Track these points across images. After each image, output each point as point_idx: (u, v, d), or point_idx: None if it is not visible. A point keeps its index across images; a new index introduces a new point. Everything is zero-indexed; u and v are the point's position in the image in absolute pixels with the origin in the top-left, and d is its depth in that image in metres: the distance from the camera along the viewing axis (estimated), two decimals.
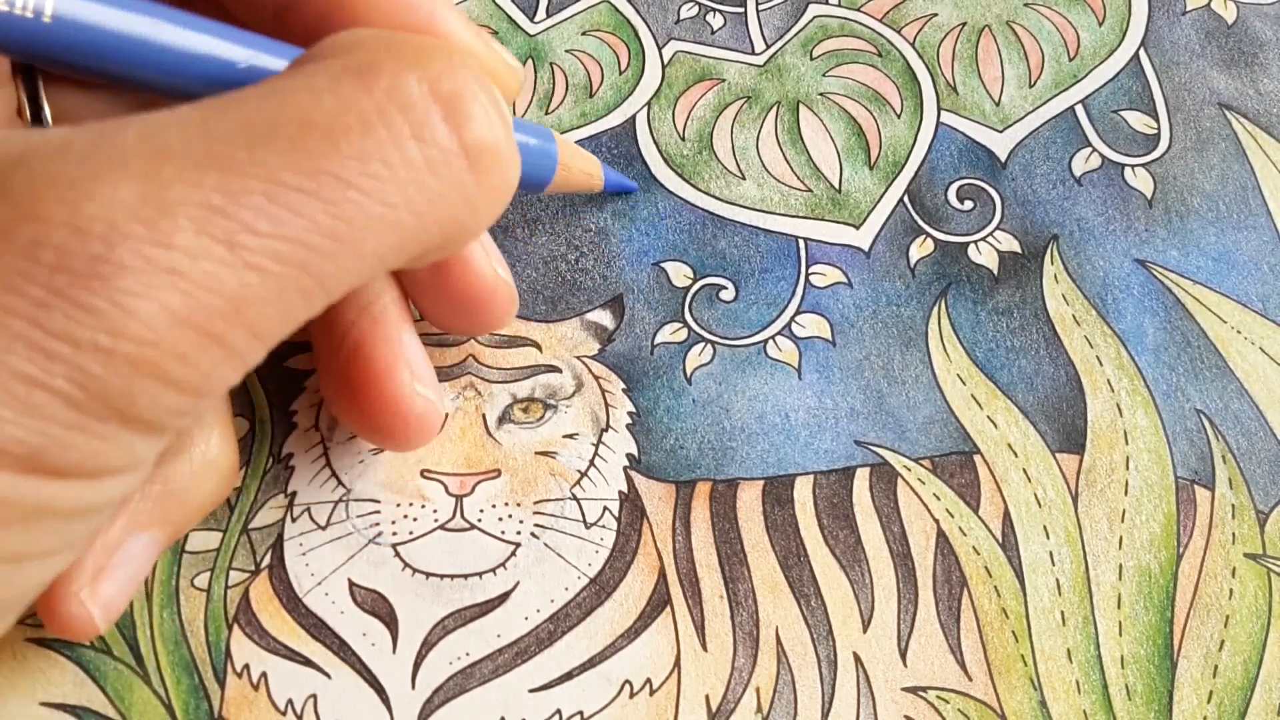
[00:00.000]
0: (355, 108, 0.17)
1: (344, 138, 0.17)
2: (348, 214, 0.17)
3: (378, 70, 0.18)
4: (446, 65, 0.18)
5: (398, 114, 0.18)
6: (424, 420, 0.24)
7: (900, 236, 0.30)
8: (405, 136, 0.18)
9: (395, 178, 0.17)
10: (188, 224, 0.16)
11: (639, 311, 0.29)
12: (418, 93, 0.18)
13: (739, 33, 0.33)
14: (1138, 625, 0.25)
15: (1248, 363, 0.28)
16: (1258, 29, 0.33)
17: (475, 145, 0.18)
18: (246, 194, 0.16)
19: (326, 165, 0.17)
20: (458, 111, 0.18)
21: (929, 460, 0.27)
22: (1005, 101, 0.32)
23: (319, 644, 0.25)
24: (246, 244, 0.16)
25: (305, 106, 0.17)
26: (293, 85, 0.17)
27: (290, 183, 0.16)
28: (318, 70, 0.18)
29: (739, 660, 0.25)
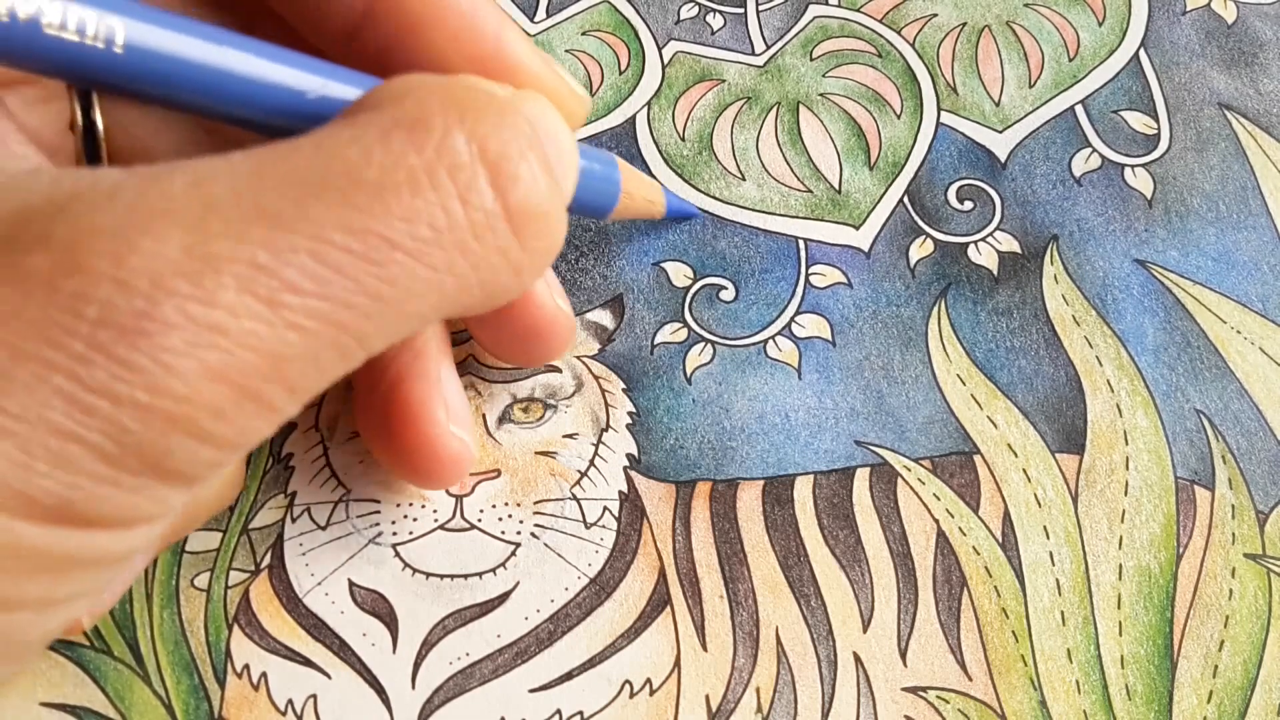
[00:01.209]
0: (404, 165, 0.17)
1: (393, 197, 0.17)
2: (392, 275, 0.17)
3: (429, 126, 0.17)
4: (496, 123, 0.18)
5: (445, 175, 0.17)
6: (457, 463, 0.24)
7: (900, 237, 0.30)
8: (452, 198, 0.17)
9: (440, 240, 0.17)
10: (232, 281, 0.16)
11: (639, 311, 0.29)
12: (466, 153, 0.18)
13: (739, 33, 0.33)
14: (1138, 625, 0.25)
15: (1248, 363, 0.28)
16: (1258, 29, 0.33)
17: (520, 209, 0.18)
18: (292, 252, 0.16)
19: (374, 225, 0.17)
20: (503, 174, 0.18)
21: (929, 460, 0.27)
22: (1005, 102, 0.32)
23: (319, 644, 0.25)
24: (289, 303, 0.16)
25: (355, 162, 0.17)
26: (344, 137, 0.17)
27: (337, 242, 0.16)
28: (369, 122, 0.17)
29: (739, 660, 0.25)
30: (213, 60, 0.19)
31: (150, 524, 0.18)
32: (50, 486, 0.15)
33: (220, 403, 0.16)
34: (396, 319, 0.17)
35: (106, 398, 0.15)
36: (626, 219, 0.29)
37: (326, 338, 0.17)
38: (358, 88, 0.20)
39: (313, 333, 0.16)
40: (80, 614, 0.19)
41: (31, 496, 0.15)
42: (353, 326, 0.17)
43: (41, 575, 0.16)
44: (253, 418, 0.17)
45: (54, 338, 0.15)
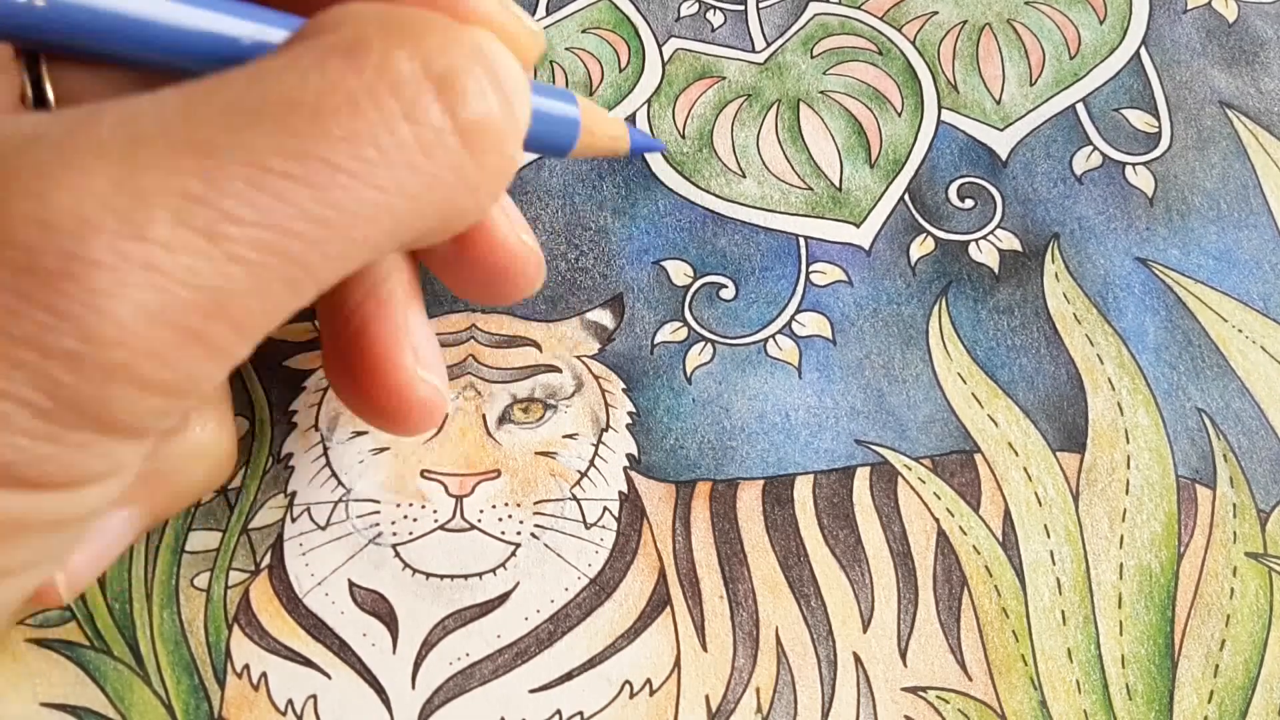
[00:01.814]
0: (343, 87, 0.16)
1: (332, 119, 0.16)
2: (336, 199, 0.16)
3: (366, 48, 0.17)
4: (440, 41, 0.17)
5: (388, 93, 0.17)
6: (426, 406, 0.22)
7: (901, 235, 0.30)
8: (396, 117, 0.17)
9: (386, 160, 0.16)
10: (164, 214, 0.15)
11: (639, 311, 0.29)
12: (409, 71, 0.17)
13: (739, 30, 0.33)
14: (1138, 625, 0.25)
15: (1249, 361, 0.28)
16: (1259, 28, 0.33)
17: (471, 124, 0.17)
18: (228, 180, 0.15)
19: (313, 148, 0.16)
20: (451, 89, 0.17)
21: (929, 459, 0.27)
22: (1006, 100, 0.32)
23: (319, 644, 0.25)
24: (228, 234, 0.15)
25: (291, 87, 0.16)
26: (278, 65, 0.16)
27: (275, 167, 0.15)
28: (305, 49, 0.17)
29: (739, 660, 0.25)
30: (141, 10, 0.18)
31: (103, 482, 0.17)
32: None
33: (160, 346, 0.15)
34: (346, 246, 0.17)
35: (35, 349, 0.14)
36: (590, 156, 0.28)
37: (272, 270, 0.16)
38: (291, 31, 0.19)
39: (257, 265, 0.15)
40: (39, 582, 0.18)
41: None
42: (300, 256, 0.16)
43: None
44: (199, 360, 0.16)
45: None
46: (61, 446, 0.15)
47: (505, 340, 0.28)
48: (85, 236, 0.14)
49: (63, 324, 0.14)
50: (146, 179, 0.15)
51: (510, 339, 0.28)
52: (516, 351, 0.28)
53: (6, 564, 0.16)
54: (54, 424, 0.15)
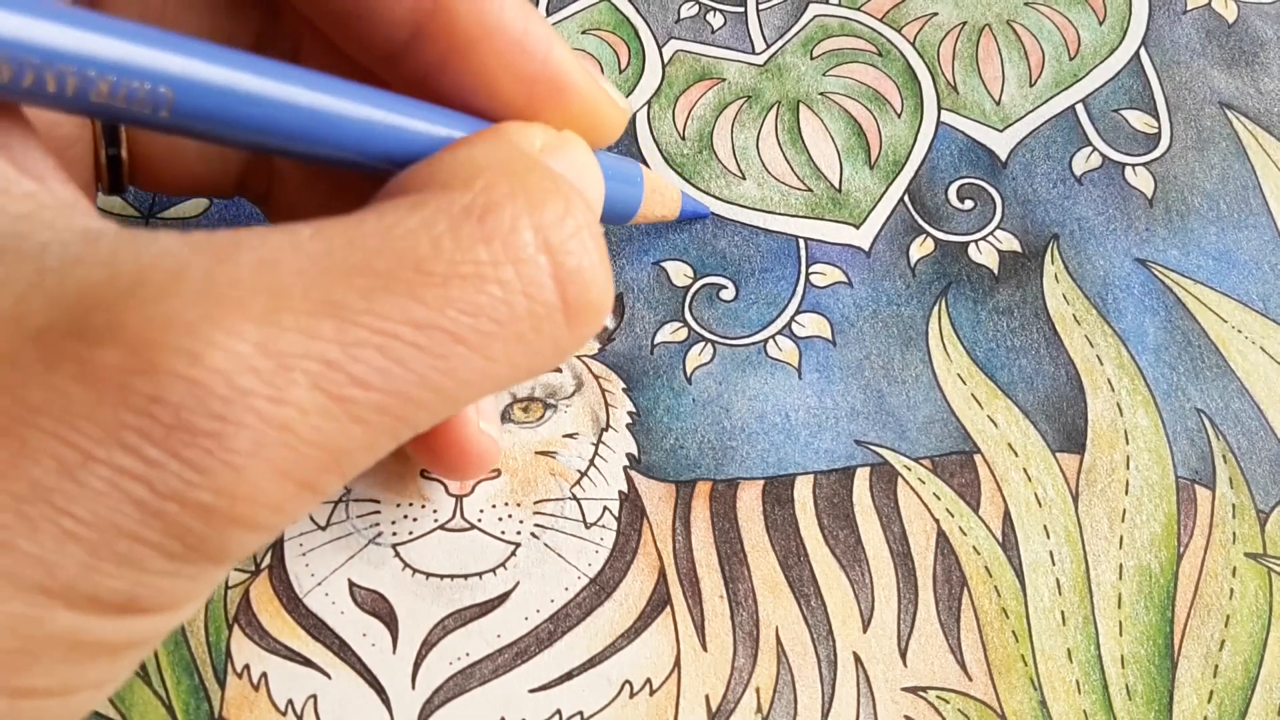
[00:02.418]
0: (472, 259, 0.17)
1: (460, 291, 0.17)
2: (453, 367, 0.17)
3: (497, 217, 0.17)
4: (560, 213, 0.18)
5: (511, 269, 0.17)
6: (485, 457, 0.24)
7: (900, 236, 0.30)
8: (516, 293, 0.17)
9: (501, 333, 0.17)
10: (303, 379, 0.15)
11: (639, 311, 0.29)
12: (531, 246, 0.18)
13: (739, 32, 0.33)
14: (1138, 625, 0.25)
15: (1248, 362, 0.28)
16: (1258, 28, 0.33)
17: (576, 302, 0.18)
18: (360, 347, 0.16)
19: (440, 320, 0.17)
20: (564, 268, 0.18)
21: (929, 460, 0.27)
22: (1005, 101, 0.32)
23: (319, 644, 0.25)
24: (355, 398, 0.16)
25: (424, 253, 0.17)
26: (412, 224, 0.17)
27: (404, 336, 0.16)
28: (439, 209, 0.17)
29: (739, 660, 0.25)
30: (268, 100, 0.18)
31: (198, 600, 0.18)
32: (116, 585, 0.15)
33: (281, 498, 0.16)
34: (450, 405, 0.18)
35: (175, 501, 0.15)
36: (641, 224, 0.29)
37: (384, 428, 0.17)
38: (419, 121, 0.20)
39: (373, 425, 0.16)
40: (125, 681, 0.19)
41: (98, 596, 0.15)
42: (410, 416, 0.17)
43: (102, 660, 0.16)
44: (305, 505, 0.17)
45: (127, 442, 0.15)
46: (179, 580, 0.16)
47: None
48: (232, 400, 0.15)
49: (203, 480, 0.15)
50: (287, 343, 0.15)
51: None
52: None
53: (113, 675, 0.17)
54: (178, 563, 0.16)
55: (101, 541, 0.15)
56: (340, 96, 0.19)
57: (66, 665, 0.16)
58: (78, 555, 0.15)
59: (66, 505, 0.15)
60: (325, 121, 0.19)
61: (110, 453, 0.15)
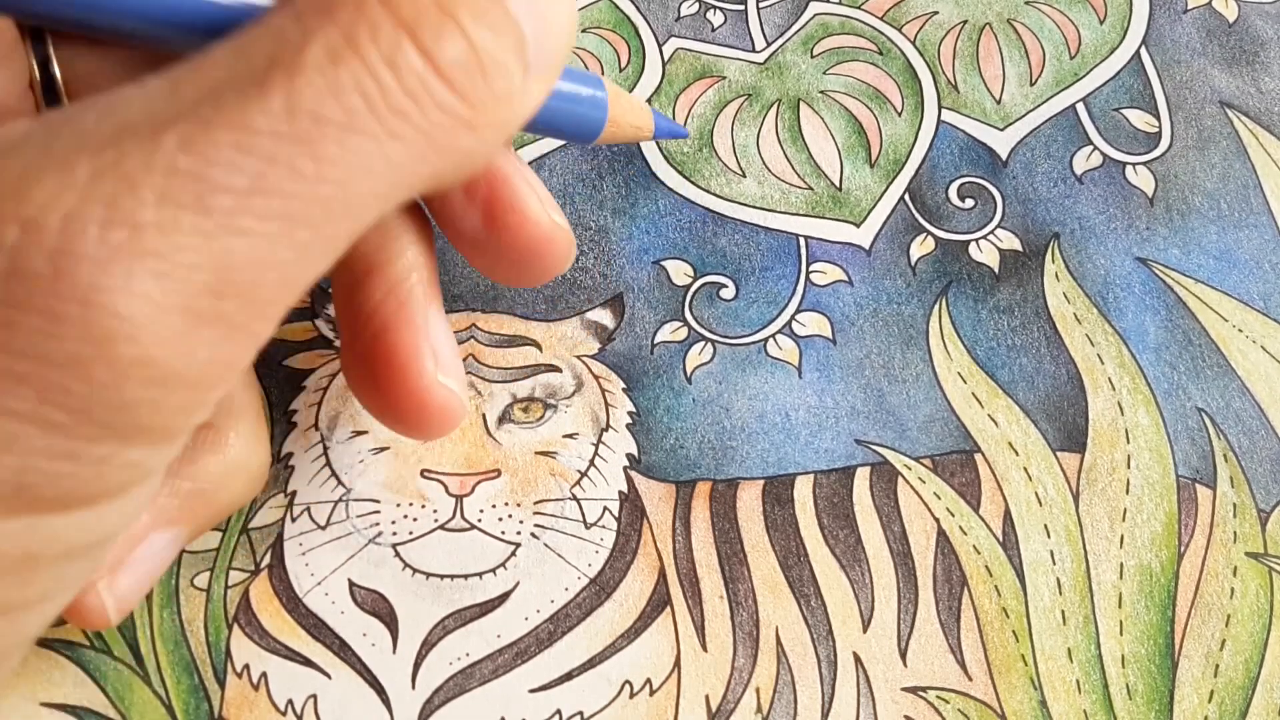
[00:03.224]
0: (321, 39, 0.15)
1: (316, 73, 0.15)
2: (328, 152, 0.15)
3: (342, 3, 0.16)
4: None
5: (367, 40, 0.16)
6: (445, 411, 0.22)
7: (901, 234, 0.30)
8: (378, 63, 0.16)
9: (373, 107, 0.16)
10: (151, 194, 0.14)
11: (639, 310, 0.29)
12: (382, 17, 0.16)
13: (739, 30, 0.33)
14: (1139, 624, 0.25)
15: (1249, 361, 0.28)
16: (1259, 28, 0.33)
17: (451, 66, 0.16)
18: (213, 148, 0.14)
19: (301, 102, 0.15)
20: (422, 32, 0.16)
21: (929, 459, 0.27)
22: (1006, 99, 0.32)
23: (319, 644, 0.25)
24: (222, 205, 0.14)
25: (271, 47, 0.15)
26: (259, 31, 0.16)
27: (260, 127, 0.15)
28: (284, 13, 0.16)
29: (739, 660, 0.25)
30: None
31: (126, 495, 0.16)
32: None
33: (171, 334, 0.14)
34: (350, 201, 0.16)
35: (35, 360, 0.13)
36: (614, 143, 0.28)
37: (276, 235, 0.15)
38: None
39: (258, 234, 0.15)
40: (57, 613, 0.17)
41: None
42: (303, 218, 0.15)
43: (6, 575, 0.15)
44: (217, 343, 0.15)
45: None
46: (80, 463, 0.14)
47: (505, 340, 0.28)
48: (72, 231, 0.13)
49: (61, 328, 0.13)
50: (130, 162, 0.14)
51: (510, 338, 0.28)
52: (516, 351, 0.28)
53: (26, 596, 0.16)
54: (70, 438, 0.14)
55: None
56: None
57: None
58: None
59: None
60: None
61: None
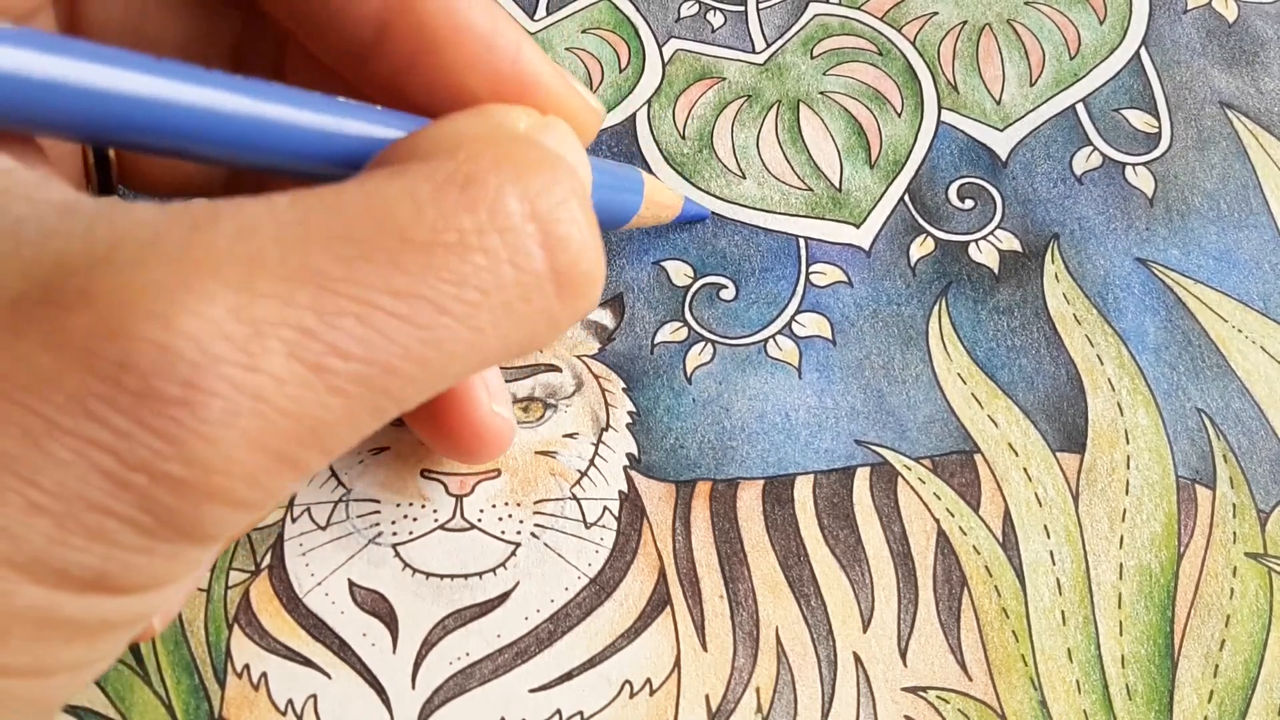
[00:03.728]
0: (456, 226, 0.16)
1: (443, 260, 0.16)
2: (437, 338, 0.16)
3: (482, 184, 0.17)
4: (548, 181, 0.18)
5: (497, 237, 0.17)
6: (500, 439, 0.24)
7: (901, 235, 0.30)
8: (502, 261, 0.17)
9: (488, 303, 0.17)
10: (278, 346, 0.15)
11: (639, 310, 0.29)
12: (518, 214, 0.17)
13: (739, 31, 0.33)
14: (1138, 625, 0.25)
15: (1249, 362, 0.28)
16: (1259, 28, 0.33)
17: (567, 271, 0.18)
18: (339, 315, 0.15)
19: (422, 289, 0.16)
20: (552, 236, 0.17)
21: (929, 460, 0.27)
22: (1006, 100, 0.32)
23: (319, 644, 0.25)
24: (333, 368, 0.15)
25: (406, 220, 0.16)
26: (394, 191, 0.16)
27: (384, 306, 0.16)
28: (420, 176, 0.17)
29: (739, 660, 0.25)
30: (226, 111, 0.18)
31: (182, 582, 0.17)
32: (85, 560, 0.15)
33: (256, 471, 0.15)
34: (436, 380, 0.17)
35: (145, 473, 0.15)
36: (636, 228, 0.29)
37: (367, 401, 0.16)
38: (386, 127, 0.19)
39: (353, 397, 0.16)
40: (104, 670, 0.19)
41: (67, 570, 0.15)
42: (395, 390, 0.16)
43: (77, 641, 0.16)
44: (286, 480, 0.16)
45: (94, 411, 0.14)
46: (153, 558, 0.16)
47: None
48: (203, 366, 0.14)
49: (173, 450, 0.14)
50: (263, 309, 0.15)
51: None
52: None
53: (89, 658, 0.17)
54: (151, 539, 0.15)
55: (68, 513, 0.14)
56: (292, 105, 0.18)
57: (38, 644, 0.15)
58: (44, 528, 0.14)
59: (31, 475, 0.14)
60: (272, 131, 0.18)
61: (77, 421, 0.14)
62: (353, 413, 0.16)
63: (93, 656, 0.17)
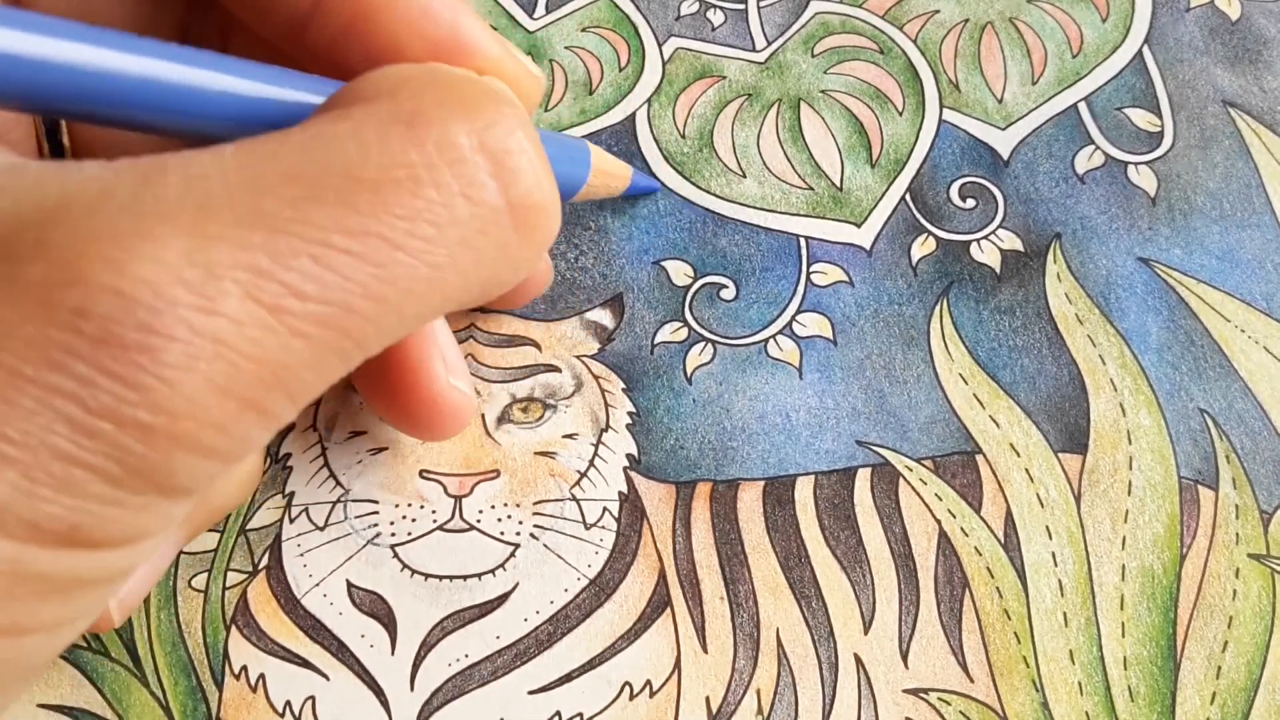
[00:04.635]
0: (404, 161, 0.16)
1: (393, 196, 0.16)
2: (394, 276, 0.16)
3: (426, 120, 0.17)
4: (495, 115, 0.18)
5: (447, 170, 0.17)
6: (458, 413, 0.24)
7: (902, 235, 0.30)
8: (454, 195, 0.17)
9: (443, 238, 0.17)
10: (234, 288, 0.15)
11: (639, 310, 0.28)
12: (467, 146, 0.17)
13: (740, 30, 0.33)
14: (1140, 626, 0.25)
15: (1251, 362, 0.28)
16: (1262, 26, 0.33)
17: (521, 202, 0.18)
18: (293, 255, 0.15)
19: (375, 226, 0.16)
20: (505, 167, 0.18)
21: (931, 460, 0.27)
22: (1008, 99, 0.32)
23: (317, 645, 0.24)
24: (292, 309, 0.15)
25: (353, 159, 0.16)
26: (338, 132, 0.17)
27: (337, 244, 0.16)
28: (365, 117, 0.17)
29: (739, 662, 0.25)
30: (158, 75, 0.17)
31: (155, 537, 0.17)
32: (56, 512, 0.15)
33: (223, 417, 0.15)
34: (398, 320, 0.17)
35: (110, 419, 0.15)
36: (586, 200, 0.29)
37: (329, 343, 0.16)
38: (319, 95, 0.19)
39: (316, 339, 0.16)
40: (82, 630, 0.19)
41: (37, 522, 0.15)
42: (355, 330, 0.16)
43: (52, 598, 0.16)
44: (255, 428, 0.16)
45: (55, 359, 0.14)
46: (125, 510, 0.16)
47: (504, 340, 0.28)
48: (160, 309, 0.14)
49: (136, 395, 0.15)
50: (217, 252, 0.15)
51: (509, 338, 0.28)
52: (516, 351, 0.28)
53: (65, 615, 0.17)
54: (121, 489, 0.15)
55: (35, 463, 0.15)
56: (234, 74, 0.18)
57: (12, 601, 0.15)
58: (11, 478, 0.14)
59: None
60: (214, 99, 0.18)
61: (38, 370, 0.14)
62: (316, 355, 0.16)
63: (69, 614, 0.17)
